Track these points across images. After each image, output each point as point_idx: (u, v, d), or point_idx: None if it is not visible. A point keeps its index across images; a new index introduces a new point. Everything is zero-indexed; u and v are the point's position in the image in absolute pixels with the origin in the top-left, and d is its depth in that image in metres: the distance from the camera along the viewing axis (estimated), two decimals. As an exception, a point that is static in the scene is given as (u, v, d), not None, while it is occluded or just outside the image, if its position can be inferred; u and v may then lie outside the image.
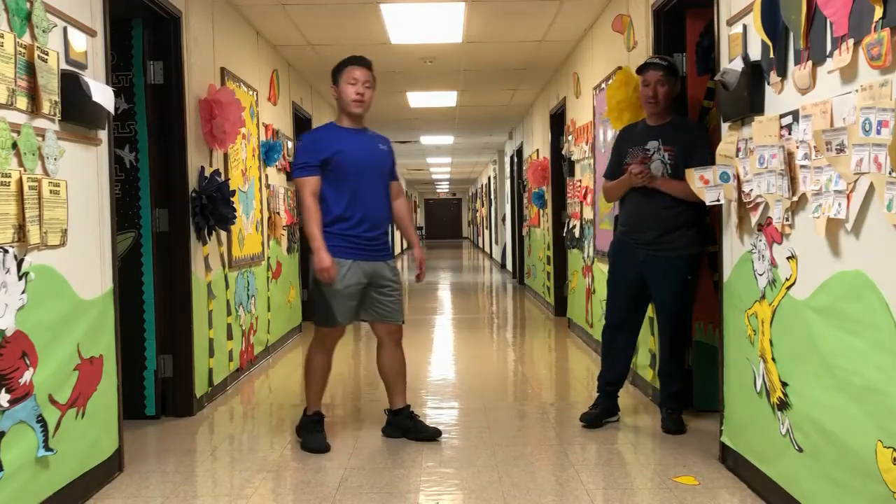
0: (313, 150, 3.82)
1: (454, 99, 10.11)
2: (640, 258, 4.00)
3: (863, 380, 2.29)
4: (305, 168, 3.81)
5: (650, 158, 3.96)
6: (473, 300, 11.53)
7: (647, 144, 4.00)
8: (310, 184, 3.80)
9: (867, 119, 2.16)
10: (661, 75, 3.95)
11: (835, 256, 2.47)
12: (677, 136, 3.95)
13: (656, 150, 3.97)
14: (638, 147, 4.03)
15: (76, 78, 3.06)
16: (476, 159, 20.74)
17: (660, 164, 3.94)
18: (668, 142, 3.95)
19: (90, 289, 3.26)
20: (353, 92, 3.83)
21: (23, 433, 2.73)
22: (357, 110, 3.87)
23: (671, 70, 3.98)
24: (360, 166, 3.83)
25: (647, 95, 3.99)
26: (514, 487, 3.28)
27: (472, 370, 6.04)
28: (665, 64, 3.98)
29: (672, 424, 4.00)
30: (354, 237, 3.81)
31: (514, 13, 6.11)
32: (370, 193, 3.86)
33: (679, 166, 3.84)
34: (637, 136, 4.10)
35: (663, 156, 3.95)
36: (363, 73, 3.86)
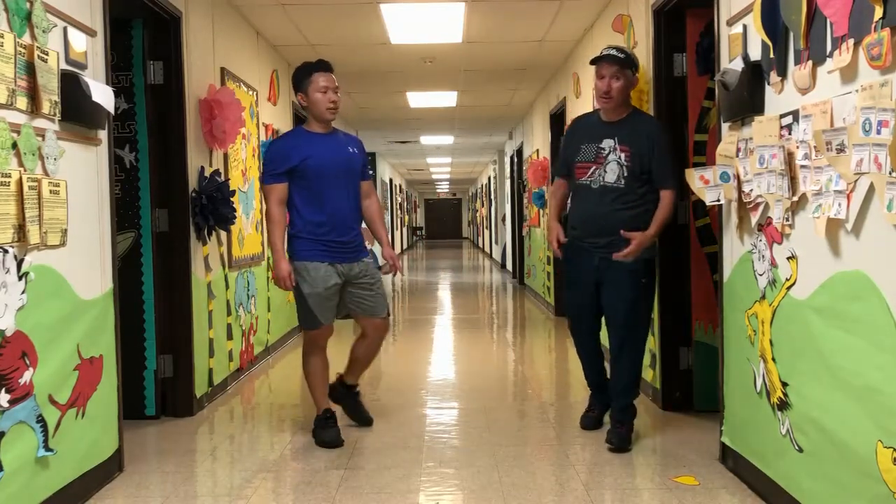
0: (280, 158, 3.85)
1: (454, 99, 10.11)
2: (594, 262, 3.76)
3: (863, 380, 2.29)
4: (272, 175, 3.84)
5: (605, 160, 3.72)
6: (473, 300, 11.53)
7: (602, 142, 3.75)
8: (276, 191, 3.84)
9: (867, 119, 2.16)
10: (615, 69, 3.70)
11: (835, 256, 2.47)
12: (635, 136, 3.71)
13: (611, 149, 3.72)
14: (591, 144, 3.77)
15: (76, 78, 3.06)
16: (476, 159, 20.75)
17: (616, 167, 3.71)
18: (625, 141, 3.71)
19: (90, 289, 3.26)
20: (327, 101, 3.86)
21: (23, 433, 2.73)
22: (331, 117, 3.92)
23: (627, 63, 3.73)
24: (328, 172, 3.85)
25: (601, 90, 3.73)
26: (514, 487, 3.28)
27: (472, 370, 6.04)
28: (622, 56, 3.72)
29: (617, 440, 3.72)
30: (327, 241, 3.85)
31: (514, 13, 6.11)
32: (340, 199, 3.89)
33: (634, 168, 3.68)
34: (591, 130, 3.84)
35: (619, 156, 3.70)
36: (329, 79, 3.89)
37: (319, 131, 3.94)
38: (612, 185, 3.72)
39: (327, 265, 3.84)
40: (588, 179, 3.77)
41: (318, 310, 3.87)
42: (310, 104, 3.89)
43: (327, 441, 3.88)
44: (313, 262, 3.82)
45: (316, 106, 3.87)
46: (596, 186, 3.74)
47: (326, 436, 3.90)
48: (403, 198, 27.70)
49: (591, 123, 3.92)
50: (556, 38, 6.84)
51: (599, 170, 3.75)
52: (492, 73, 8.44)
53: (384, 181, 18.66)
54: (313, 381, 4.03)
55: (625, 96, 3.78)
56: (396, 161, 20.64)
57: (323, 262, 3.83)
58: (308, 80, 3.88)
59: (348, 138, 4.09)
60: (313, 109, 3.89)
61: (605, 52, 3.79)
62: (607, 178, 3.73)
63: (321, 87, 3.86)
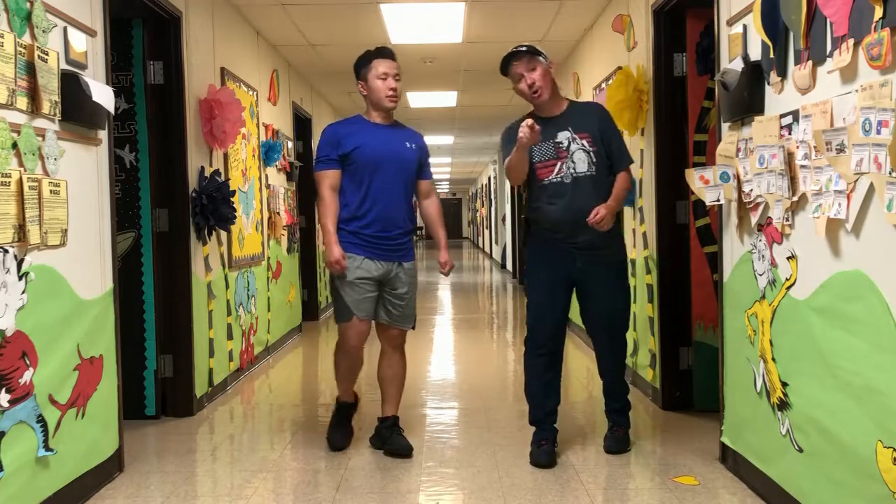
0: (334, 144, 3.71)
1: (454, 99, 10.11)
2: (577, 264, 3.56)
3: (863, 380, 2.29)
4: (324, 161, 3.71)
5: (568, 152, 3.54)
6: (473, 300, 11.53)
7: (558, 136, 3.55)
8: (328, 177, 3.69)
9: (867, 119, 2.16)
10: (524, 62, 3.53)
11: (835, 256, 2.47)
12: (585, 121, 3.58)
13: (571, 140, 3.55)
14: (545, 143, 3.55)
15: (76, 78, 3.06)
16: (476, 159, 20.74)
17: (583, 155, 3.53)
18: (581, 129, 3.56)
19: (90, 289, 3.26)
20: (387, 88, 3.69)
21: (23, 433, 2.73)
22: (391, 105, 3.74)
23: (533, 51, 3.54)
24: (379, 163, 3.68)
25: (527, 87, 3.54)
26: (514, 487, 3.28)
27: (472, 370, 6.04)
28: (522, 50, 3.54)
29: (614, 444, 3.69)
30: (367, 236, 3.67)
31: (514, 13, 6.11)
32: (388, 192, 3.69)
33: (600, 153, 3.55)
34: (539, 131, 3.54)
35: (582, 144, 3.54)
36: (391, 65, 3.72)
37: (378, 121, 3.76)
38: (585, 173, 3.54)
39: (363, 258, 3.66)
40: (557, 176, 3.55)
41: (351, 300, 3.65)
42: (369, 91, 3.72)
43: (329, 440, 3.89)
44: (350, 254, 3.64)
45: (375, 93, 3.70)
46: (569, 180, 3.53)
47: (331, 435, 3.91)
48: (403, 198, 27.65)
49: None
50: (556, 38, 6.84)
51: (566, 163, 3.54)
52: (492, 73, 8.35)
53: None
54: (338, 376, 3.93)
55: (551, 83, 3.59)
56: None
57: (360, 255, 3.66)
58: (368, 67, 3.71)
59: (409, 133, 3.86)
60: (372, 96, 3.72)
61: (506, 56, 3.60)
62: (579, 169, 3.53)
63: (381, 73, 3.68)
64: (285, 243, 7.22)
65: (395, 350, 3.88)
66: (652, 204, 4.58)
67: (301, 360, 6.71)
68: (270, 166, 6.54)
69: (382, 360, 3.91)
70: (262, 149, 6.33)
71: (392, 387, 3.90)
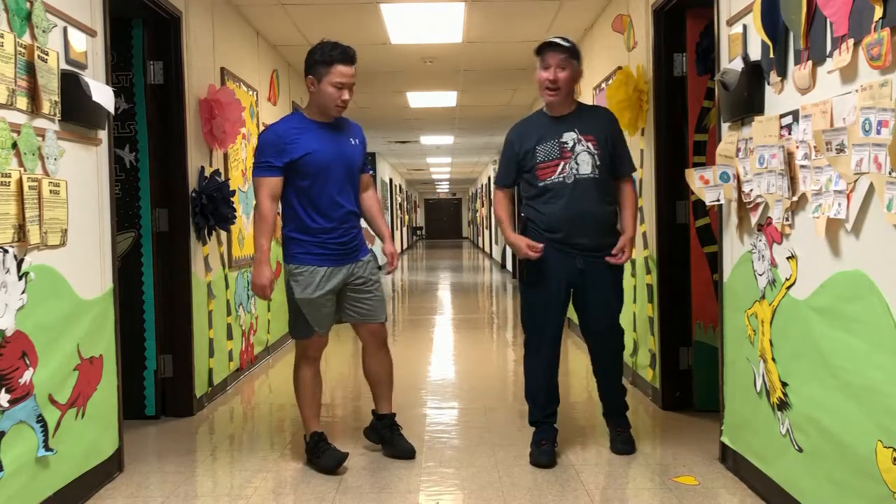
0: (279, 149, 3.44)
1: (454, 99, 10.11)
2: (578, 266, 3.55)
3: (863, 380, 2.29)
4: (267, 168, 3.44)
5: (572, 153, 3.53)
6: (473, 300, 11.53)
7: (563, 136, 3.54)
8: (269, 185, 3.45)
9: (867, 119, 2.16)
10: (562, 58, 3.52)
11: (835, 256, 2.47)
12: (593, 124, 3.58)
13: (576, 141, 3.54)
14: (550, 142, 3.55)
15: (76, 78, 3.06)
16: (476, 159, 20.75)
17: (587, 157, 3.53)
18: (587, 131, 3.55)
19: (90, 289, 3.26)
20: (339, 98, 3.47)
21: (23, 433, 2.73)
22: (339, 114, 3.57)
23: (573, 53, 3.55)
24: (330, 169, 3.50)
25: (547, 80, 3.53)
26: (514, 487, 3.28)
27: (472, 370, 6.04)
28: (568, 45, 3.54)
29: (621, 444, 3.68)
30: (326, 244, 3.53)
31: (514, 13, 6.11)
32: (340, 197, 3.53)
33: (605, 157, 3.54)
34: (543, 129, 3.60)
35: (587, 146, 3.53)
36: (349, 73, 3.47)
37: (321, 120, 3.54)
38: (588, 175, 3.52)
39: (326, 269, 3.51)
40: (559, 177, 3.53)
41: (312, 317, 3.52)
42: (319, 94, 3.47)
43: (331, 466, 3.51)
44: (309, 266, 3.50)
45: (326, 99, 3.46)
46: (570, 181, 3.52)
47: (326, 461, 3.53)
48: (403, 198, 27.70)
49: (539, 123, 3.66)
50: (556, 38, 6.84)
51: (569, 164, 3.52)
52: (492, 73, 8.44)
53: (384, 181, 18.66)
54: (303, 398, 3.64)
55: (571, 88, 3.60)
56: (396, 161, 20.63)
57: (322, 266, 3.50)
58: (326, 69, 3.44)
59: (350, 126, 3.69)
60: (321, 100, 3.48)
61: (551, 39, 3.59)
62: (581, 170, 3.52)
63: (337, 81, 3.44)
64: (285, 243, 7.22)
65: (380, 346, 3.75)
66: (652, 204, 4.58)
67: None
68: (270, 166, 6.53)
69: (369, 358, 3.79)
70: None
71: (383, 384, 3.80)
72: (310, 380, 3.66)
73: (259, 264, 3.49)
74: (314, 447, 3.59)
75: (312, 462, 3.60)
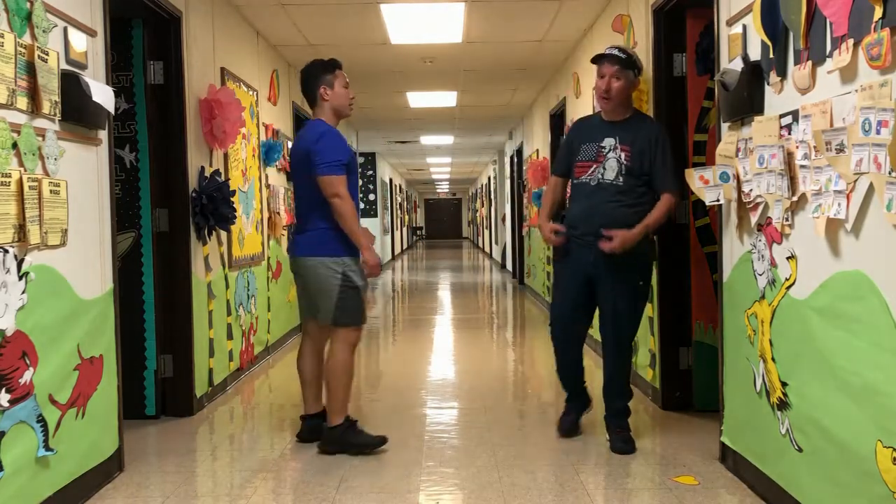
0: (344, 149, 3.79)
1: (454, 99, 10.11)
2: (590, 258, 3.70)
3: (863, 380, 2.29)
4: (340, 166, 3.72)
5: (605, 158, 3.72)
6: (473, 300, 11.53)
7: (603, 142, 3.75)
8: (345, 182, 3.74)
9: (867, 119, 2.17)
10: (616, 69, 3.70)
11: (834, 256, 2.47)
12: (635, 136, 3.71)
13: (612, 148, 3.72)
14: (591, 143, 3.77)
15: (76, 78, 3.07)
16: (476, 159, 20.75)
17: (615, 164, 3.70)
18: (626, 141, 3.71)
19: (90, 289, 3.26)
20: (349, 96, 3.93)
21: (23, 433, 2.73)
22: (350, 112, 4.01)
23: (628, 63, 3.73)
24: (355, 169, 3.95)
25: (601, 89, 3.74)
26: (514, 487, 3.28)
27: (472, 370, 6.04)
28: (623, 57, 3.72)
29: (621, 444, 3.72)
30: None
31: (514, 13, 6.11)
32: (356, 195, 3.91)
33: (634, 168, 3.68)
34: (592, 130, 3.83)
35: (619, 155, 3.71)
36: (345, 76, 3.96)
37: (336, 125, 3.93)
38: (610, 182, 3.70)
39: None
40: (587, 177, 3.76)
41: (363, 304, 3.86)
42: (334, 97, 3.86)
43: (376, 442, 3.79)
44: (357, 258, 3.80)
45: (341, 100, 3.89)
46: (594, 184, 3.73)
47: (368, 439, 3.80)
48: (403, 198, 27.70)
49: (592, 124, 3.92)
50: (556, 38, 6.84)
51: (599, 168, 3.73)
52: (492, 73, 8.44)
53: (384, 181, 18.66)
54: (349, 384, 3.84)
55: (624, 97, 3.76)
56: (396, 161, 20.63)
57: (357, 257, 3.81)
58: (334, 75, 3.88)
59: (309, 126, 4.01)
60: (339, 102, 3.88)
61: (608, 51, 3.78)
62: (606, 176, 3.71)
63: (345, 82, 3.92)
64: (285, 243, 7.22)
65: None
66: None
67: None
68: (270, 166, 6.54)
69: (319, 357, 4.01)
70: (263, 149, 6.33)
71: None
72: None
73: (370, 250, 3.83)
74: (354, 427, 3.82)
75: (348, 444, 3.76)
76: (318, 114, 3.90)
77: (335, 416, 3.80)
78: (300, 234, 3.87)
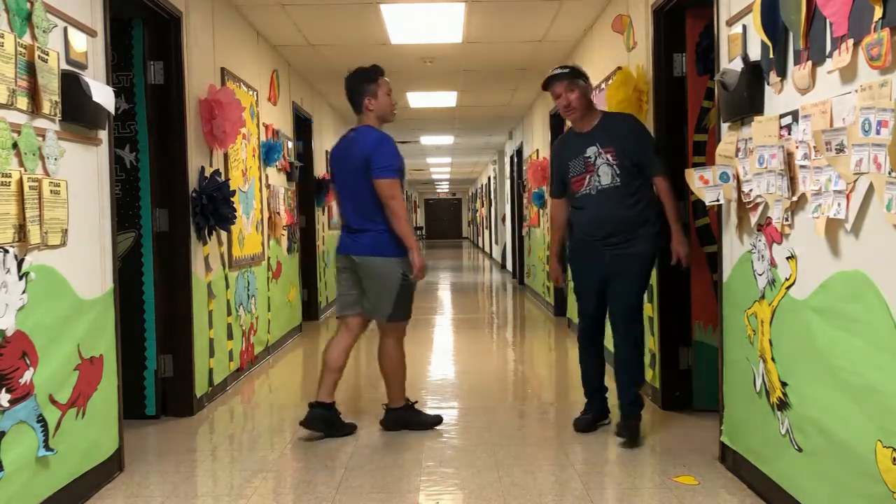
0: (399, 155, 4.07)
1: (454, 99, 10.11)
2: (605, 259, 3.89)
3: (862, 380, 2.29)
4: (397, 171, 4.02)
5: (595, 167, 3.87)
6: (473, 300, 11.53)
7: (587, 152, 3.90)
8: (399, 186, 4.03)
9: (867, 119, 2.17)
10: (565, 83, 3.91)
11: (834, 256, 2.47)
12: (612, 135, 3.88)
13: (597, 155, 3.88)
14: (577, 158, 3.93)
15: (76, 78, 3.07)
16: (476, 159, 20.74)
17: (607, 169, 3.85)
18: (606, 143, 3.87)
19: (90, 289, 3.26)
20: (392, 103, 4.16)
21: (23, 433, 2.73)
22: (393, 119, 4.23)
23: (574, 74, 3.94)
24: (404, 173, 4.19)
25: (562, 107, 3.95)
26: (514, 487, 3.28)
27: (472, 370, 6.04)
28: (565, 72, 3.94)
29: (627, 432, 3.82)
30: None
31: (513, 13, 6.11)
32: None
33: (624, 165, 3.82)
34: (573, 146, 4.00)
35: (607, 159, 3.86)
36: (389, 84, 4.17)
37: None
38: (609, 185, 3.86)
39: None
40: (587, 189, 3.91)
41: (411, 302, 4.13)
42: (378, 106, 4.09)
43: (434, 420, 4.23)
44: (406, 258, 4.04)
45: (385, 108, 4.12)
46: (595, 193, 3.89)
47: (427, 418, 4.22)
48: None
49: (570, 140, 4.08)
50: (556, 38, 6.84)
51: (593, 177, 3.88)
52: (492, 73, 8.44)
53: (384, 181, 18.61)
54: (403, 373, 4.19)
55: (585, 104, 3.94)
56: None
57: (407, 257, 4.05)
58: (377, 84, 4.10)
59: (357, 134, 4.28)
60: (383, 110, 4.12)
61: (551, 72, 4.00)
62: (603, 182, 3.86)
63: (387, 90, 4.13)
64: (285, 243, 7.22)
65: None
66: (652, 204, 4.57)
67: (301, 360, 6.71)
68: (270, 166, 6.54)
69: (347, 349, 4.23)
70: (263, 149, 6.33)
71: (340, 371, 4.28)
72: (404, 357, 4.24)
73: (419, 251, 4.09)
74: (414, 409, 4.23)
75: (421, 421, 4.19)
76: (363, 120, 4.12)
77: (397, 400, 4.20)
78: (357, 234, 4.07)
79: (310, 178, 8.53)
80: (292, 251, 7.59)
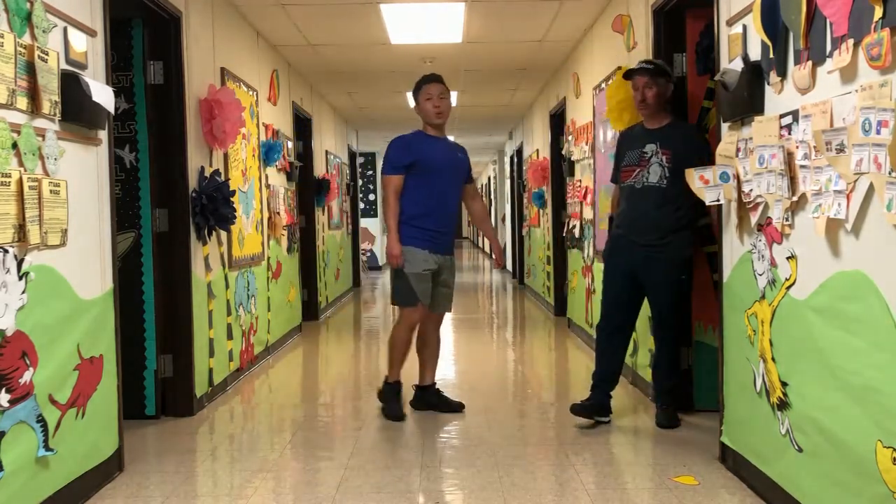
0: (402, 153, 4.39)
1: (454, 99, 10.11)
2: (638, 259, 4.03)
3: (862, 380, 2.29)
4: (394, 168, 4.40)
5: (647, 163, 3.99)
6: (473, 300, 11.53)
7: (645, 147, 4.02)
8: (394, 182, 4.39)
9: (867, 119, 2.16)
10: (647, 79, 3.99)
11: (834, 256, 2.47)
12: (675, 140, 3.97)
13: (654, 153, 3.99)
14: (635, 150, 4.06)
15: (76, 78, 3.06)
16: (476, 159, 20.74)
17: (658, 168, 3.97)
18: (666, 145, 3.97)
19: (90, 289, 3.26)
20: (432, 106, 4.43)
21: (23, 433, 2.73)
22: (439, 121, 4.48)
23: (659, 72, 4.01)
24: (440, 170, 4.41)
25: (637, 99, 4.06)
26: (514, 487, 3.28)
27: (472, 370, 6.04)
28: (651, 67, 4.02)
29: (665, 419, 4.08)
30: (430, 231, 4.37)
31: (514, 13, 6.11)
32: (446, 194, 4.45)
33: (677, 170, 3.84)
34: (635, 138, 4.13)
35: (661, 159, 3.97)
36: (437, 87, 4.45)
37: (434, 134, 4.51)
38: (654, 184, 3.98)
39: (427, 252, 4.36)
40: (633, 181, 4.06)
41: (418, 288, 4.35)
42: (421, 112, 4.49)
43: (390, 415, 4.39)
44: (417, 248, 4.34)
45: (425, 113, 4.47)
46: (639, 186, 4.02)
47: (391, 410, 4.40)
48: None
49: (635, 132, 4.19)
50: (556, 38, 6.85)
51: (643, 172, 4.02)
52: (492, 73, 8.45)
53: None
54: (394, 352, 4.50)
55: (660, 102, 4.03)
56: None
57: (424, 248, 4.35)
58: (419, 92, 4.48)
59: (457, 146, 4.76)
60: (423, 115, 4.49)
61: (637, 65, 4.10)
62: (650, 179, 3.99)
63: (427, 94, 4.44)
64: (285, 243, 7.22)
65: (436, 330, 4.68)
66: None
67: (301, 359, 6.71)
68: (270, 166, 6.54)
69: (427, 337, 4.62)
70: (262, 149, 6.33)
71: (432, 358, 4.68)
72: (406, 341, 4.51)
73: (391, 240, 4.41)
74: (391, 393, 4.48)
75: (386, 408, 4.46)
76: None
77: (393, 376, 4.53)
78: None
79: (310, 178, 8.53)
80: (292, 251, 7.59)
